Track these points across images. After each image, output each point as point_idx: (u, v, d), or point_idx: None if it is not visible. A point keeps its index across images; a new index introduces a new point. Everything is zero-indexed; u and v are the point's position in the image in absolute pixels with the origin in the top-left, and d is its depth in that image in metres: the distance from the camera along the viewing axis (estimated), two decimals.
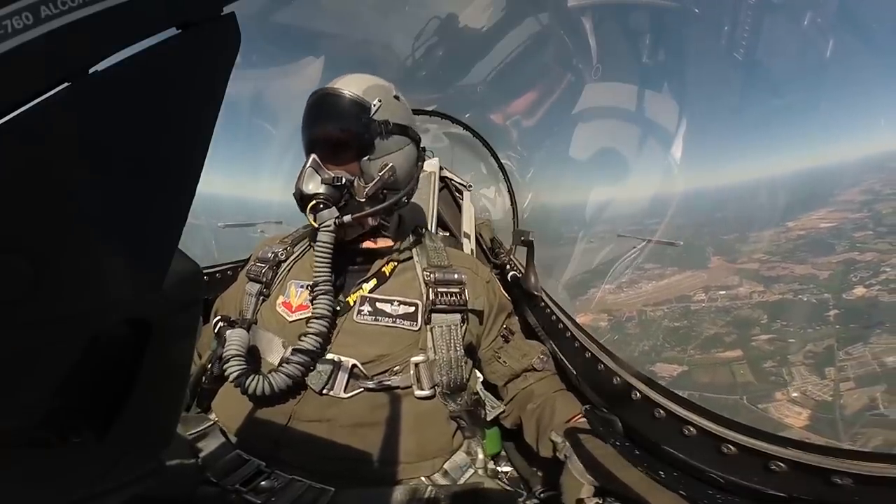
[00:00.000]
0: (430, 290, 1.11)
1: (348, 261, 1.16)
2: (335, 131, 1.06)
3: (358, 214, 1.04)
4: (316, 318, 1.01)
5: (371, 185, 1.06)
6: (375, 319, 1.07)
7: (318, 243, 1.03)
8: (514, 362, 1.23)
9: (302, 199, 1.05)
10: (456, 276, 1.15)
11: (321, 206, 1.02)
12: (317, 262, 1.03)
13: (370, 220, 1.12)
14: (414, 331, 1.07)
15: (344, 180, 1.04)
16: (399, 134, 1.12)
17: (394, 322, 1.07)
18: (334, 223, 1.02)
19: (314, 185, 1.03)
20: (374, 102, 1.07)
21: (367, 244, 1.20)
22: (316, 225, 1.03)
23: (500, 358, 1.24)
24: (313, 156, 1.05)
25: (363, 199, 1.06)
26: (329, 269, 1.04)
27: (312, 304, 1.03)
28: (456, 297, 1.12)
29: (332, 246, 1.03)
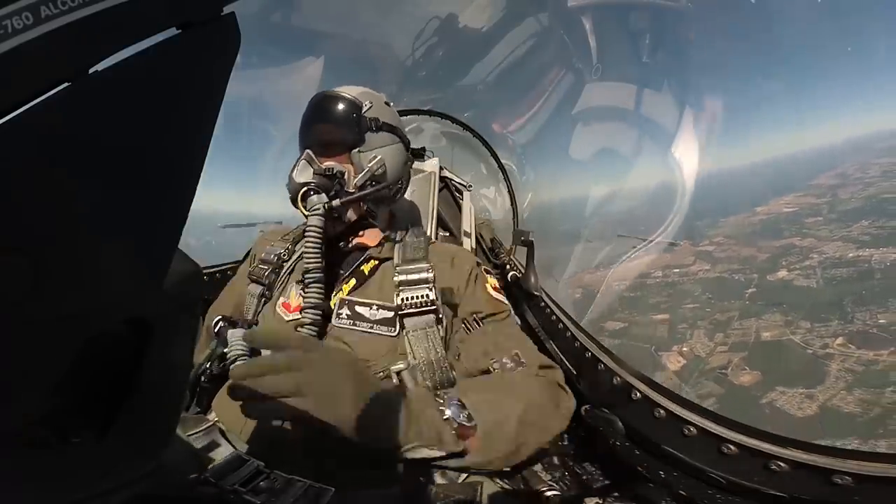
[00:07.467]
0: (396, 293, 1.06)
1: (335, 260, 1.14)
2: (328, 127, 1.13)
3: (346, 199, 1.06)
4: (309, 307, 1.00)
5: (361, 174, 1.10)
6: (354, 325, 1.04)
7: (308, 228, 1.03)
8: (471, 362, 1.04)
9: (294, 189, 1.07)
10: (422, 274, 1.08)
11: (311, 192, 1.05)
12: (308, 248, 1.03)
13: (360, 206, 1.13)
14: (392, 336, 1.03)
15: (335, 170, 1.08)
16: (388, 131, 1.17)
17: (371, 328, 1.03)
18: (323, 207, 1.03)
19: (306, 176, 1.07)
20: (366, 103, 1.15)
21: (358, 240, 1.19)
22: (306, 211, 1.04)
23: (459, 354, 1.07)
24: (307, 150, 1.10)
25: (353, 189, 1.09)
26: (320, 256, 1.03)
27: (304, 294, 1.02)
28: (423, 297, 1.05)
29: (321, 230, 1.03)
